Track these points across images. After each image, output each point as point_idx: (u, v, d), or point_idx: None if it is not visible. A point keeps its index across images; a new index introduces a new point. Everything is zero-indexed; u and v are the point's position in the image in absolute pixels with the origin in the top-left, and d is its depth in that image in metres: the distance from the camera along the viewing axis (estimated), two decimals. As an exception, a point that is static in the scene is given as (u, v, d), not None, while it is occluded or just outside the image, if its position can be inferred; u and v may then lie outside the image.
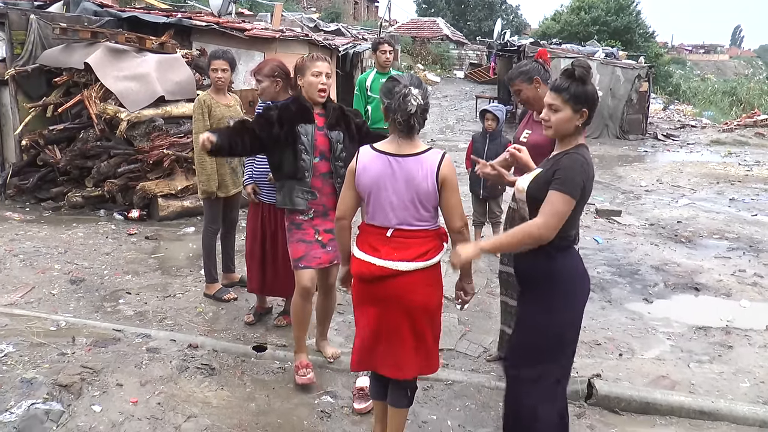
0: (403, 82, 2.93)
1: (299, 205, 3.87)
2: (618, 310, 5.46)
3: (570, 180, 2.72)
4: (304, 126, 3.84)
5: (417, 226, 3.00)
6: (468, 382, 4.14)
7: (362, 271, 3.04)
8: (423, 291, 3.02)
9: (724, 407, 3.88)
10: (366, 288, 3.07)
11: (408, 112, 2.87)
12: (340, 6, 38.06)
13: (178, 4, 18.08)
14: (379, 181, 2.98)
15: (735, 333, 5.06)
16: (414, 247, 2.98)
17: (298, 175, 3.83)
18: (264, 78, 4.45)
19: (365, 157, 3.04)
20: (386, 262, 2.96)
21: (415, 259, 2.97)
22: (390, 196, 2.97)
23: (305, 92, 3.90)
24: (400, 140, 2.97)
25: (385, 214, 3.00)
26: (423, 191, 2.94)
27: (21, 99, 8.33)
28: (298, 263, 3.94)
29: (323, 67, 3.86)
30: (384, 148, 3.02)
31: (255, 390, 3.98)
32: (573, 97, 2.79)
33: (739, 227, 8.36)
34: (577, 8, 37.59)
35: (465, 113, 21.60)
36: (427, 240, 3.02)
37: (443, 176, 2.95)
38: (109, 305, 5.17)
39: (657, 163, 14.31)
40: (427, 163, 2.95)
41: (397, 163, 2.96)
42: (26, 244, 6.51)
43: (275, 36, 10.50)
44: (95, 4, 10.02)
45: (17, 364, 4.01)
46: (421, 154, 2.97)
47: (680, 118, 23.87)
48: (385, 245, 3.00)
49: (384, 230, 3.02)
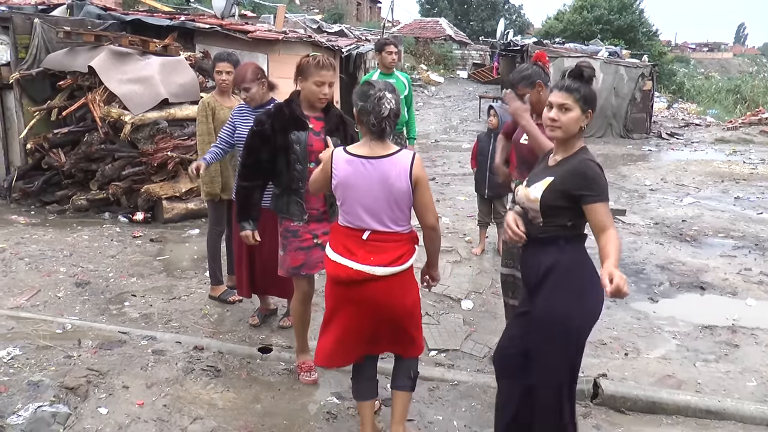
0: (378, 86, 3.01)
1: (295, 214, 3.83)
2: (623, 310, 5.45)
3: (602, 188, 2.79)
4: (297, 133, 3.76)
5: (392, 229, 3.06)
6: (474, 382, 4.14)
7: (338, 273, 3.08)
8: (398, 294, 3.10)
9: (731, 406, 3.87)
10: (342, 290, 3.12)
11: (381, 115, 2.96)
12: (343, 7, 38.09)
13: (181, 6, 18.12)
14: (353, 185, 3.03)
15: (741, 332, 5.04)
16: (389, 251, 3.04)
17: (292, 185, 3.80)
18: (250, 84, 4.43)
19: (338, 161, 3.08)
20: (363, 266, 3.02)
21: (390, 263, 3.03)
22: (364, 198, 3.02)
23: (304, 95, 3.80)
24: (372, 143, 3.04)
25: (361, 216, 3.05)
26: (397, 190, 3.00)
27: (25, 103, 8.36)
28: (298, 271, 3.92)
29: (327, 76, 3.73)
30: (356, 151, 3.07)
31: (261, 391, 3.98)
32: (583, 98, 2.84)
33: (744, 225, 8.33)
34: (580, 7, 37.52)
35: (468, 113, 21.59)
36: (401, 244, 3.08)
37: (416, 175, 3.01)
38: (114, 308, 5.18)
39: (661, 162, 14.28)
40: (400, 164, 3.01)
41: (371, 165, 3.02)
42: (32, 247, 6.53)
43: (278, 38, 10.51)
44: (99, 8, 10.05)
45: (24, 367, 4.03)
46: (393, 155, 3.04)
47: (684, 117, 23.83)
48: (361, 248, 3.05)
49: (359, 232, 3.06)
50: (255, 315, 4.95)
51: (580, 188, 2.78)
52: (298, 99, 3.85)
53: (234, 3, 12.28)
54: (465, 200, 9.06)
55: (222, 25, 10.04)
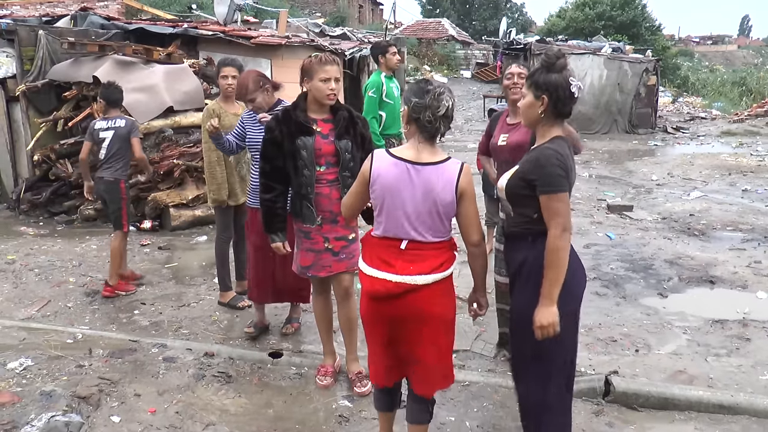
0: (436, 83, 2.87)
1: (307, 218, 3.83)
2: (633, 306, 5.43)
3: (551, 177, 2.70)
4: (303, 139, 3.74)
5: (433, 239, 2.88)
6: (485, 382, 4.14)
7: (377, 289, 2.88)
8: (441, 302, 2.92)
9: (744, 401, 3.84)
10: (380, 306, 2.92)
11: (438, 112, 2.78)
12: (345, 10, 38.13)
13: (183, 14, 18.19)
14: (395, 190, 2.84)
15: (752, 325, 5.01)
16: (430, 260, 2.86)
17: (301, 191, 3.79)
18: (254, 94, 4.43)
19: (381, 163, 2.88)
20: (403, 277, 2.82)
21: (432, 271, 2.85)
22: (406, 207, 2.84)
23: (312, 96, 3.77)
24: (420, 145, 2.86)
25: (400, 225, 2.86)
26: (442, 202, 2.82)
27: (32, 114, 8.42)
28: (306, 271, 3.95)
29: (332, 71, 3.71)
30: (402, 154, 2.87)
31: (272, 396, 3.99)
32: (534, 84, 2.82)
33: (753, 218, 8.29)
34: (582, 4, 37.48)
35: (473, 113, 21.58)
36: (441, 251, 2.91)
37: (462, 188, 2.84)
38: (124, 316, 5.21)
39: (667, 157, 14.23)
40: (447, 173, 2.83)
41: (416, 171, 2.83)
42: (41, 258, 6.57)
43: (281, 42, 10.52)
44: (102, 18, 10.12)
45: (36, 378, 4.05)
46: (440, 163, 2.85)
47: (690, 111, 23.75)
48: (399, 259, 2.86)
49: (397, 242, 2.88)
50: (251, 325, 4.83)
51: (532, 174, 2.75)
52: (305, 103, 3.84)
53: (236, 9, 12.30)
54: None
55: (225, 31, 10.07)
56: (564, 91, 2.78)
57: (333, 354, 4.21)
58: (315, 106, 3.82)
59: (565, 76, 2.78)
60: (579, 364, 4.20)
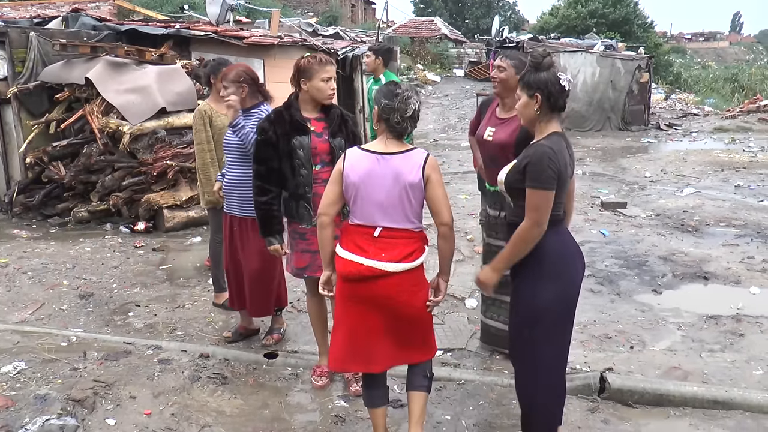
0: (404, 87, 3.10)
1: (304, 219, 3.84)
2: (627, 303, 5.45)
3: (540, 173, 2.84)
4: (299, 138, 3.75)
5: (403, 226, 3.07)
6: (480, 381, 4.14)
7: (349, 270, 3.06)
8: (408, 291, 3.09)
9: (738, 396, 3.86)
10: (352, 287, 3.10)
11: (405, 114, 3.03)
12: (338, 9, 38.09)
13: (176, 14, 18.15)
14: (367, 179, 3.05)
15: (746, 320, 5.04)
16: (400, 248, 3.05)
17: (299, 190, 3.80)
18: (229, 84, 4.34)
19: (353, 157, 3.12)
20: (374, 262, 3.02)
21: (401, 260, 3.04)
22: (378, 194, 3.04)
23: (310, 95, 3.79)
24: (388, 141, 3.09)
25: (373, 212, 3.07)
26: (410, 185, 3.02)
27: (24, 117, 8.36)
28: (302, 272, 3.96)
29: (332, 71, 3.80)
30: (371, 148, 3.12)
31: (268, 397, 3.98)
32: (526, 85, 2.97)
33: (745, 214, 8.33)
34: (575, 2, 37.60)
35: (466, 111, 21.57)
36: (412, 241, 3.09)
37: (428, 172, 3.05)
38: (118, 318, 5.19)
39: (660, 153, 14.28)
40: (414, 159, 3.06)
41: (385, 161, 3.05)
42: (34, 261, 6.54)
43: (274, 42, 10.52)
44: (94, 19, 10.07)
45: (30, 381, 4.04)
46: (407, 151, 3.09)
47: (682, 107, 23.82)
48: (372, 245, 3.05)
49: (371, 230, 3.07)
50: (230, 331, 4.80)
51: (524, 167, 2.90)
52: (297, 102, 3.84)
53: (228, 9, 12.28)
54: (466, 198, 9.06)
55: (217, 31, 10.05)
56: (555, 86, 2.92)
57: (328, 354, 4.21)
58: (308, 105, 3.83)
59: (553, 72, 2.93)
60: (574, 361, 4.25)
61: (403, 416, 3.68)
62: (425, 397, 3.29)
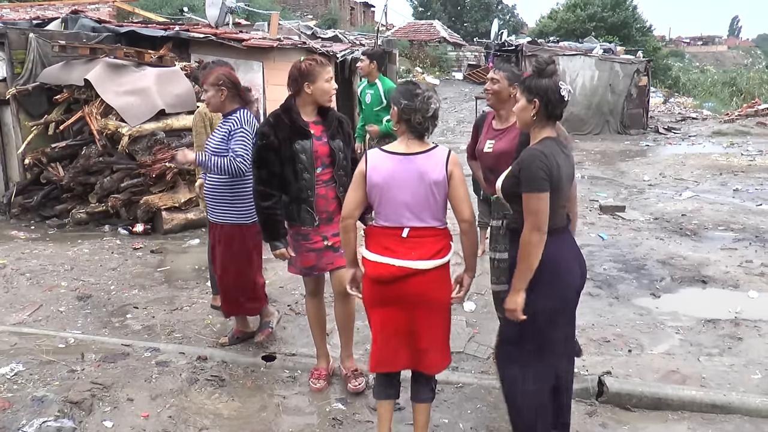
0: (423, 87, 3.11)
1: (306, 222, 3.83)
2: (625, 306, 5.44)
3: (532, 177, 2.85)
4: (301, 142, 3.74)
5: (430, 224, 3.09)
6: (478, 384, 4.14)
7: (380, 273, 3.08)
8: (440, 287, 3.13)
9: (737, 400, 3.86)
10: (382, 289, 3.11)
11: (427, 114, 3.04)
12: (337, 12, 38.13)
13: (175, 17, 18.15)
14: (391, 180, 3.06)
15: (744, 324, 5.03)
16: (429, 245, 3.08)
17: (301, 195, 3.79)
18: (209, 87, 4.26)
19: (375, 158, 3.12)
20: (405, 261, 3.04)
21: (432, 257, 3.07)
22: (404, 195, 3.05)
23: (312, 98, 3.79)
24: (409, 141, 3.10)
25: (400, 213, 3.07)
26: (435, 182, 3.04)
27: (23, 118, 8.36)
28: (311, 272, 3.95)
29: (332, 71, 3.86)
30: (393, 149, 3.12)
31: (266, 400, 3.98)
32: (526, 89, 2.97)
33: (744, 218, 8.33)
34: (573, 5, 37.66)
35: (465, 114, 21.60)
36: (439, 238, 3.12)
37: (451, 169, 3.07)
38: (116, 320, 5.18)
39: (659, 157, 14.29)
40: (437, 157, 3.08)
41: (408, 161, 3.06)
42: (32, 262, 6.53)
43: (273, 45, 10.52)
44: (93, 21, 10.08)
45: (28, 383, 4.03)
46: (429, 150, 3.10)
47: (681, 111, 23.86)
48: (401, 246, 3.07)
49: (398, 230, 3.08)
50: (227, 336, 4.74)
51: (519, 173, 2.90)
52: (296, 106, 3.83)
53: (228, 12, 12.28)
54: (464, 201, 9.05)
55: (216, 34, 10.05)
56: (554, 94, 2.92)
57: (327, 357, 4.21)
58: (307, 108, 3.83)
59: (555, 81, 2.93)
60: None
61: (399, 419, 3.68)
62: (429, 407, 3.36)
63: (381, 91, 6.76)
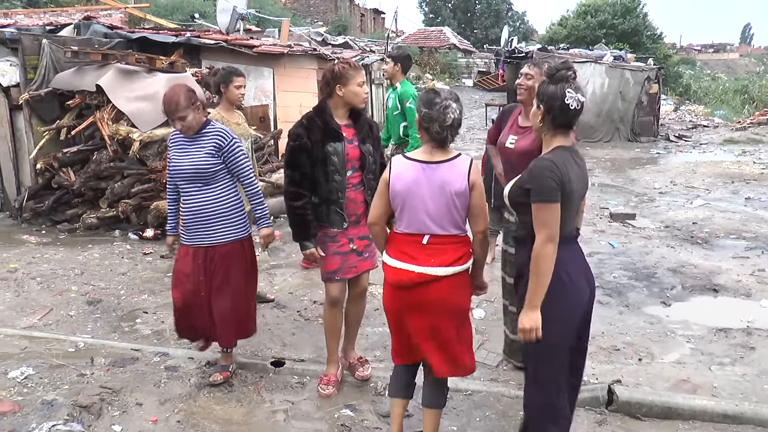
0: (444, 95, 3.07)
1: (336, 223, 3.85)
2: (636, 315, 5.41)
3: (541, 187, 2.78)
4: (334, 144, 3.77)
5: (451, 232, 3.10)
6: (487, 391, 4.12)
7: (400, 279, 3.12)
8: (459, 293, 3.15)
9: (749, 410, 3.82)
10: (403, 295, 3.14)
11: (445, 123, 3.01)
12: (347, 19, 38.29)
13: (186, 23, 18.27)
14: (414, 188, 3.08)
15: (756, 334, 4.99)
16: (449, 252, 3.09)
17: (332, 196, 3.82)
18: (185, 111, 3.88)
19: (399, 166, 3.14)
20: (425, 268, 3.06)
21: (452, 263, 3.08)
22: (426, 202, 3.07)
23: (344, 101, 3.81)
24: (432, 149, 3.10)
25: (421, 220, 3.09)
26: (457, 193, 3.04)
27: (35, 123, 8.42)
28: (333, 275, 3.94)
29: (364, 75, 3.90)
30: (416, 156, 3.13)
31: (274, 405, 3.97)
32: (538, 93, 2.93)
33: (756, 226, 8.27)
34: (584, 12, 37.63)
35: (475, 121, 21.61)
36: (460, 246, 3.13)
37: (473, 179, 3.06)
38: (126, 325, 5.20)
39: (670, 165, 14.21)
40: (459, 167, 3.07)
41: (431, 170, 3.07)
42: (43, 266, 6.57)
43: (283, 51, 10.57)
44: (105, 27, 10.14)
45: (37, 387, 4.05)
46: (452, 159, 3.09)
47: (692, 119, 23.73)
48: (422, 252, 3.09)
49: (419, 237, 3.11)
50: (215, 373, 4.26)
51: (528, 183, 2.85)
52: (329, 108, 3.86)
53: (238, 18, 12.36)
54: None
55: (227, 40, 10.11)
56: (557, 102, 2.82)
57: (336, 363, 4.20)
58: (339, 111, 3.87)
59: (562, 88, 2.82)
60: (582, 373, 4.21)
61: (406, 425, 3.66)
62: (440, 413, 3.39)
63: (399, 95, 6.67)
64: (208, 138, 4.00)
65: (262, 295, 5.63)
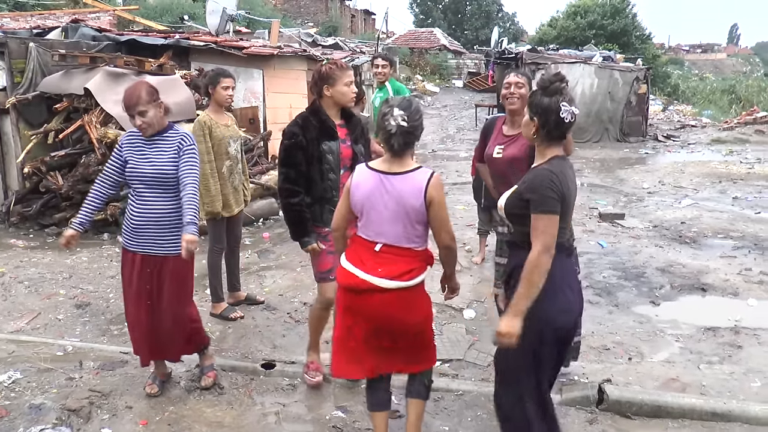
0: (391, 103, 3.03)
1: (329, 222, 3.82)
2: (625, 314, 5.44)
3: (542, 198, 2.75)
4: (329, 143, 3.81)
5: (406, 245, 3.07)
6: (478, 391, 4.13)
7: (348, 281, 3.11)
8: (402, 310, 3.07)
9: (737, 408, 3.85)
10: (351, 298, 3.13)
11: (388, 131, 2.97)
12: (338, 20, 38.28)
13: (175, 25, 18.20)
14: (371, 198, 3.07)
15: (744, 332, 5.03)
16: (399, 264, 3.05)
17: (326, 195, 3.85)
18: (146, 106, 3.74)
19: (360, 175, 3.14)
20: (369, 276, 3.04)
21: (397, 277, 3.03)
22: (382, 213, 3.05)
23: (333, 101, 3.86)
24: (391, 159, 3.07)
25: (377, 229, 3.08)
26: (411, 208, 3.01)
27: (22, 127, 8.37)
28: (328, 275, 3.93)
29: (352, 75, 3.91)
30: (377, 166, 3.11)
31: (265, 408, 3.97)
32: (530, 104, 2.90)
33: (743, 225, 8.33)
34: (573, 13, 37.82)
35: (465, 122, 21.65)
36: (413, 259, 3.09)
37: (430, 196, 3.00)
38: (115, 328, 5.17)
39: (658, 165, 14.29)
40: (415, 182, 3.02)
41: (388, 181, 3.04)
42: (31, 270, 6.53)
43: (273, 53, 10.55)
44: (93, 29, 10.09)
45: (25, 391, 4.02)
46: (410, 172, 3.04)
47: (680, 119, 23.86)
48: (372, 259, 3.08)
49: (372, 244, 3.10)
50: (153, 382, 4.10)
51: (527, 193, 2.81)
52: (323, 108, 3.89)
53: (228, 20, 12.32)
54: (464, 209, 9.06)
55: (217, 42, 10.08)
56: (552, 115, 2.81)
57: (318, 351, 4.23)
58: (330, 111, 3.90)
59: (556, 100, 2.80)
60: (572, 372, 4.24)
61: (400, 426, 3.66)
62: (423, 404, 3.35)
63: (390, 93, 6.58)
64: (172, 141, 3.84)
65: (252, 297, 5.63)
